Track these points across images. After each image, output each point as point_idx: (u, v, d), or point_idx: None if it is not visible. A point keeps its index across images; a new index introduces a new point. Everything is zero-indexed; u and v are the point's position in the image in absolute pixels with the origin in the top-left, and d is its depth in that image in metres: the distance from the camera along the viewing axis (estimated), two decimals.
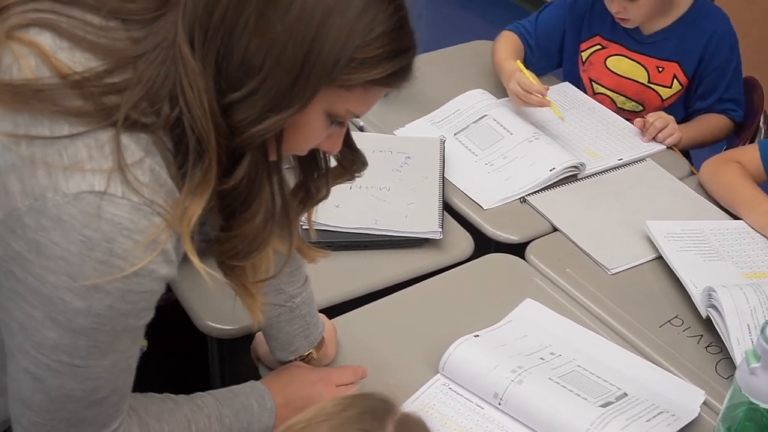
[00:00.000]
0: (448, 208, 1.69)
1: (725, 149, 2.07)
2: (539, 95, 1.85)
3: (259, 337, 1.37)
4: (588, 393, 1.29)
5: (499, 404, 1.28)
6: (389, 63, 0.93)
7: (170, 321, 1.27)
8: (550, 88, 1.95)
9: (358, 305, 1.47)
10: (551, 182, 1.78)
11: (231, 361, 1.50)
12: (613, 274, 1.60)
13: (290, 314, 1.28)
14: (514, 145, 1.86)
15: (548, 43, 2.12)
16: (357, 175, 1.14)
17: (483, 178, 1.79)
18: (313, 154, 1.09)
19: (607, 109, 2.05)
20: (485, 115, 1.94)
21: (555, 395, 1.28)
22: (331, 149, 1.05)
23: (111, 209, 0.86)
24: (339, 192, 1.17)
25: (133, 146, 0.88)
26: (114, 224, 0.86)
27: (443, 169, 1.76)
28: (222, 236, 0.97)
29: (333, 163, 1.13)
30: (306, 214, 1.13)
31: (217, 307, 1.40)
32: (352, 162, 1.12)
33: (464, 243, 1.63)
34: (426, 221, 1.61)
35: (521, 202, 1.74)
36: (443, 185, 1.71)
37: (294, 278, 1.27)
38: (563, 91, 2.10)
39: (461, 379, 1.32)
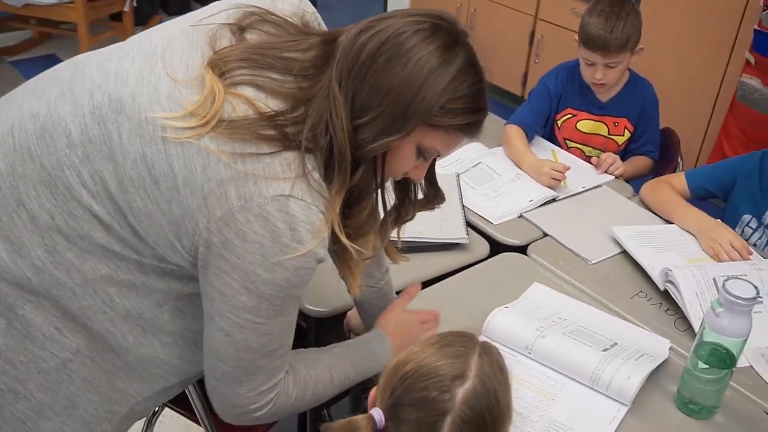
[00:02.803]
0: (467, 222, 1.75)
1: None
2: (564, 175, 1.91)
3: (351, 314, 1.42)
4: (591, 342, 1.35)
5: (530, 354, 1.34)
6: (467, 115, 0.98)
7: None
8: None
9: None
10: (537, 205, 1.85)
11: (324, 333, 1.53)
12: (592, 264, 1.66)
13: (378, 293, 1.34)
14: (502, 183, 1.94)
15: (540, 122, 2.18)
16: (437, 206, 1.18)
17: (481, 204, 1.86)
18: (406, 187, 1.14)
19: (571, 154, 2.14)
20: (480, 162, 2.01)
21: (570, 344, 1.33)
22: (417, 177, 1.09)
23: (294, 207, 0.92)
24: None
25: (307, 163, 0.94)
26: (296, 218, 0.92)
27: (461, 195, 1.83)
28: (342, 224, 1.00)
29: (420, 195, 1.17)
30: (396, 230, 1.18)
31: (315, 295, 1.44)
32: (434, 196, 1.17)
33: (482, 246, 1.69)
34: (455, 231, 1.68)
35: (518, 217, 1.82)
36: (463, 206, 1.78)
37: (381, 267, 1.33)
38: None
39: (499, 337, 1.37)
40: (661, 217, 1.84)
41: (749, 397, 1.34)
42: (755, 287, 1.18)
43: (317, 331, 1.53)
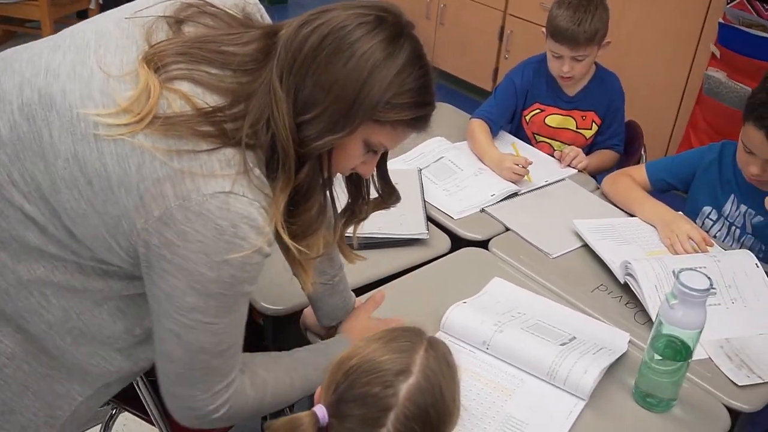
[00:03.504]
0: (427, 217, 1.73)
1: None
2: (526, 169, 1.89)
3: (307, 312, 1.40)
4: (549, 337, 1.34)
5: (487, 349, 1.33)
6: (413, 110, 0.96)
7: None
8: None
9: (372, 287, 1.49)
10: (499, 200, 1.83)
11: (281, 332, 1.51)
12: (553, 258, 1.65)
13: (332, 290, 1.31)
14: (464, 178, 1.92)
15: (506, 116, 2.16)
16: (392, 206, 1.16)
17: (443, 199, 1.84)
18: (359, 186, 1.12)
19: (534, 148, 2.13)
20: (442, 156, 1.99)
21: (527, 339, 1.32)
22: (366, 172, 1.07)
23: (235, 203, 0.89)
24: None
25: (248, 160, 0.91)
26: (237, 215, 0.90)
27: (423, 189, 1.81)
28: (289, 221, 0.98)
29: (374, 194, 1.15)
30: (353, 228, 1.15)
31: (270, 294, 1.42)
32: (389, 196, 1.15)
33: (443, 241, 1.68)
34: (416, 226, 1.66)
35: (480, 212, 1.80)
36: (424, 201, 1.76)
37: (334, 263, 1.30)
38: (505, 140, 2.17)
39: (457, 333, 1.36)
40: (624, 210, 1.84)
41: (708, 389, 1.34)
42: (709, 279, 1.17)
43: (274, 329, 1.51)
